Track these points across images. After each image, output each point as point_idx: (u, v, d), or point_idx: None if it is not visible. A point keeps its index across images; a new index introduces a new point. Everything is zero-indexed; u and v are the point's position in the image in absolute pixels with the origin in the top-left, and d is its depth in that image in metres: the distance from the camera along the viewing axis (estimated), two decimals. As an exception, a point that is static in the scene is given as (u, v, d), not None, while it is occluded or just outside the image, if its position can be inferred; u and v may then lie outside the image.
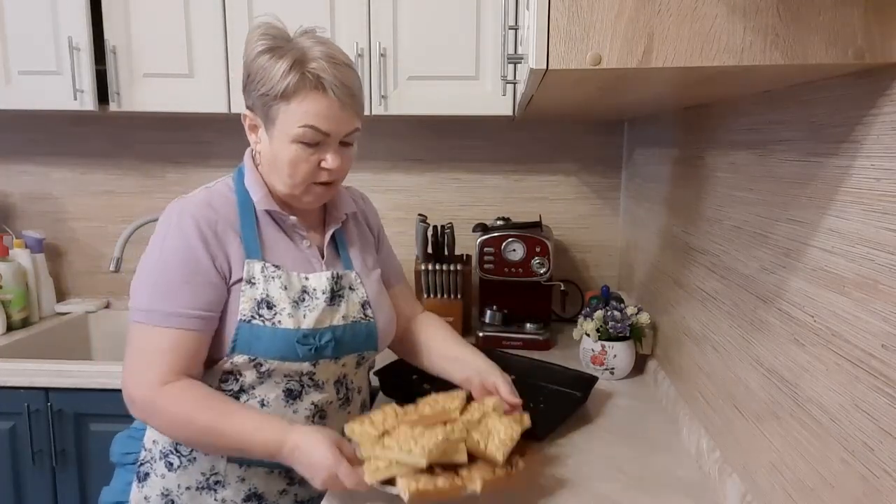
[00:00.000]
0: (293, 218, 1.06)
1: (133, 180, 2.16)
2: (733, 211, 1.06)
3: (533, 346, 1.79)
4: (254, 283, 1.00)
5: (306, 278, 1.04)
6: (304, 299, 1.03)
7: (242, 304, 0.99)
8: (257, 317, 0.99)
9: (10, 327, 1.90)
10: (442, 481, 0.89)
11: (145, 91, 1.77)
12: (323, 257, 1.10)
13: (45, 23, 1.75)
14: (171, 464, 1.03)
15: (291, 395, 1.04)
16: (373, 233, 1.26)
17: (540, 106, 1.32)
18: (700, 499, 1.04)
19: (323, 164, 1.00)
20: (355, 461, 0.91)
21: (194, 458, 1.03)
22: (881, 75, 0.66)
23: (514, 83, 1.42)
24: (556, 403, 1.38)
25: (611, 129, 2.07)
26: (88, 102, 1.77)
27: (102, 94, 1.78)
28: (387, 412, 0.99)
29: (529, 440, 1.21)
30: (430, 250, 1.92)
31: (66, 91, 1.75)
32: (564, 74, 0.70)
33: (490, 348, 1.71)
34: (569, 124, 2.08)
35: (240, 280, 1.00)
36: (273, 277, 1.01)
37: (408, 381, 1.44)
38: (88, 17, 1.75)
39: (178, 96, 1.77)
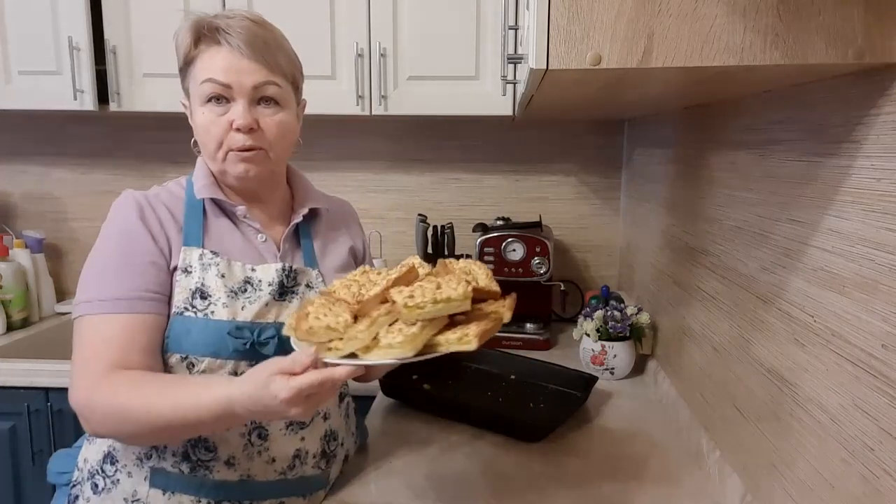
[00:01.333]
0: (242, 207, 0.98)
1: (133, 180, 2.16)
2: (733, 211, 1.06)
3: (533, 346, 1.79)
4: (190, 272, 0.91)
5: (252, 269, 0.94)
6: (245, 290, 0.92)
7: (177, 296, 0.90)
8: (190, 308, 0.90)
9: (10, 327, 1.90)
10: (485, 322, 0.79)
11: (145, 91, 1.77)
12: (279, 251, 1.00)
13: (45, 23, 1.75)
14: (97, 485, 0.94)
15: None
16: (353, 243, 1.12)
17: (540, 106, 1.32)
18: (700, 499, 1.04)
19: (233, 124, 0.91)
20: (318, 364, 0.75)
21: (117, 481, 0.92)
22: (881, 75, 0.66)
23: (514, 83, 1.42)
24: (556, 403, 1.38)
25: (611, 129, 2.07)
26: (88, 102, 1.77)
27: (102, 94, 1.78)
28: (318, 302, 0.83)
29: (529, 441, 1.22)
30: (430, 250, 1.92)
31: (66, 91, 1.75)
32: (564, 74, 0.70)
33: (490, 348, 1.72)
34: (569, 124, 2.08)
35: (176, 268, 0.92)
36: (210, 265, 0.92)
37: (408, 381, 1.44)
38: (88, 17, 1.75)
39: (178, 96, 1.75)
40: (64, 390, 1.60)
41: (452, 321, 0.81)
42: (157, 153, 2.15)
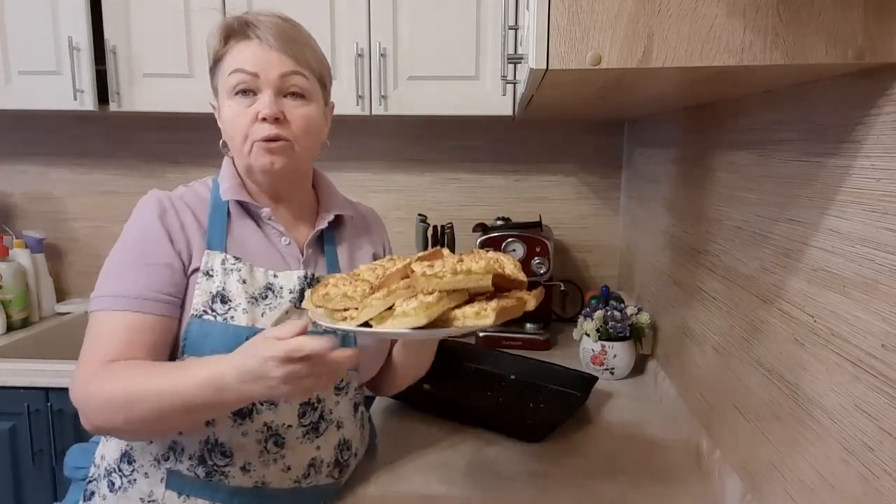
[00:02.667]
0: (266, 210, 0.98)
1: (133, 180, 2.16)
2: (733, 211, 1.06)
3: (533, 346, 1.79)
4: (211, 276, 0.91)
5: (275, 276, 0.95)
6: (266, 296, 0.93)
7: (196, 298, 0.90)
8: (209, 311, 0.89)
9: (10, 327, 1.90)
10: (505, 301, 0.77)
11: (145, 91, 1.77)
12: (302, 256, 1.00)
13: (45, 23, 1.75)
14: (113, 483, 0.94)
15: (240, 413, 0.89)
16: (375, 249, 1.13)
17: (540, 106, 1.32)
18: (700, 499, 1.04)
19: (259, 114, 0.92)
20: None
21: (134, 480, 0.92)
22: (881, 75, 0.66)
23: (514, 83, 1.42)
24: (556, 403, 1.38)
25: (611, 129, 2.07)
26: (88, 102, 1.77)
27: (102, 94, 1.78)
28: (339, 276, 0.84)
29: (529, 441, 1.22)
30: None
31: (66, 91, 1.75)
32: (564, 74, 0.70)
33: (490, 348, 1.72)
34: (569, 124, 2.08)
35: (196, 270, 0.91)
36: (232, 270, 0.92)
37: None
38: (88, 17, 1.75)
39: (178, 96, 1.76)
40: (64, 390, 1.61)
41: (472, 300, 0.78)
42: (157, 153, 2.15)
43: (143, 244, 0.91)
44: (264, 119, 0.92)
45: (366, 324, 0.77)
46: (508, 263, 0.83)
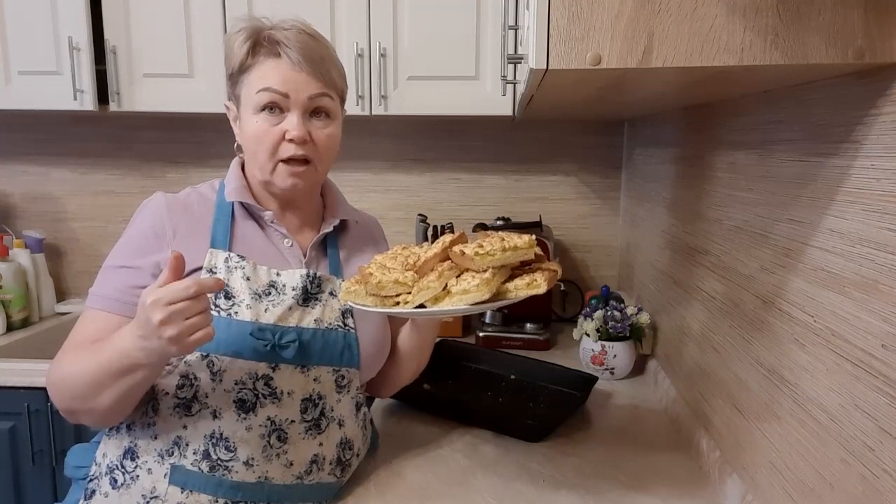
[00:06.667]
0: (269, 213, 1.00)
1: (133, 180, 2.16)
2: (733, 211, 1.06)
3: (533, 346, 1.79)
4: (214, 273, 0.93)
5: (278, 274, 0.96)
6: (269, 293, 0.94)
7: None
8: (213, 307, 0.90)
9: (10, 327, 1.90)
10: (547, 272, 0.85)
11: (145, 91, 1.77)
12: (305, 257, 1.02)
13: (45, 23, 1.75)
14: (115, 480, 0.94)
15: (244, 408, 0.91)
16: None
17: (540, 106, 1.32)
18: (700, 499, 1.04)
19: (286, 134, 0.94)
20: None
21: (137, 476, 0.93)
22: (881, 75, 0.66)
23: (514, 83, 1.42)
24: (556, 403, 1.38)
25: (611, 129, 2.08)
26: (88, 102, 1.77)
27: (102, 94, 1.78)
28: (375, 266, 0.89)
29: (529, 441, 1.22)
30: (430, 250, 1.92)
31: (66, 91, 1.75)
32: (564, 74, 0.70)
33: (490, 348, 1.72)
34: (569, 124, 2.08)
35: (198, 269, 0.93)
36: (236, 268, 0.94)
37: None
38: (88, 17, 1.75)
39: (178, 96, 1.76)
40: (64, 390, 1.61)
41: (512, 275, 0.85)
42: (157, 153, 2.15)
43: (133, 248, 0.95)
44: (292, 140, 0.94)
45: (419, 307, 0.83)
46: (519, 241, 0.89)
